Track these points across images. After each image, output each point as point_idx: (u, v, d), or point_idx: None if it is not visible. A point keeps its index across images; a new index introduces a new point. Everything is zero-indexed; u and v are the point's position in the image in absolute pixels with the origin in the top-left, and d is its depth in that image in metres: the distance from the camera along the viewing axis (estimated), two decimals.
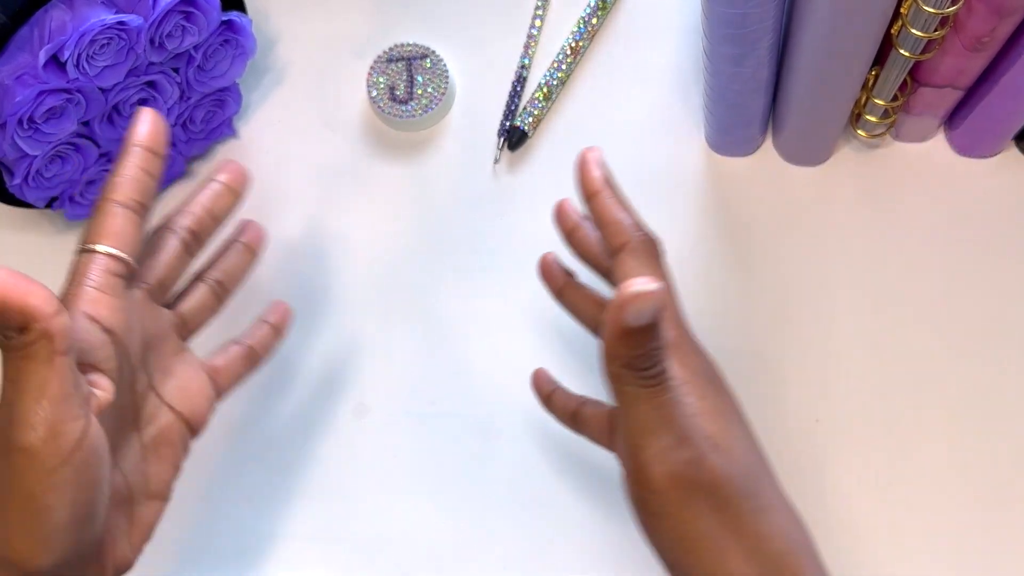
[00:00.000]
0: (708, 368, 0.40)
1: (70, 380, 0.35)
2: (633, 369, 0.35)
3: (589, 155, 0.45)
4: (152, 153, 0.42)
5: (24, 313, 0.34)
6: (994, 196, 0.59)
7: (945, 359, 0.56)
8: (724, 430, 0.38)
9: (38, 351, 0.34)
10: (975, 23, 0.48)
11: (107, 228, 0.40)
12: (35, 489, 0.35)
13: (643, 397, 0.36)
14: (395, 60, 0.62)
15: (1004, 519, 0.53)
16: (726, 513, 0.36)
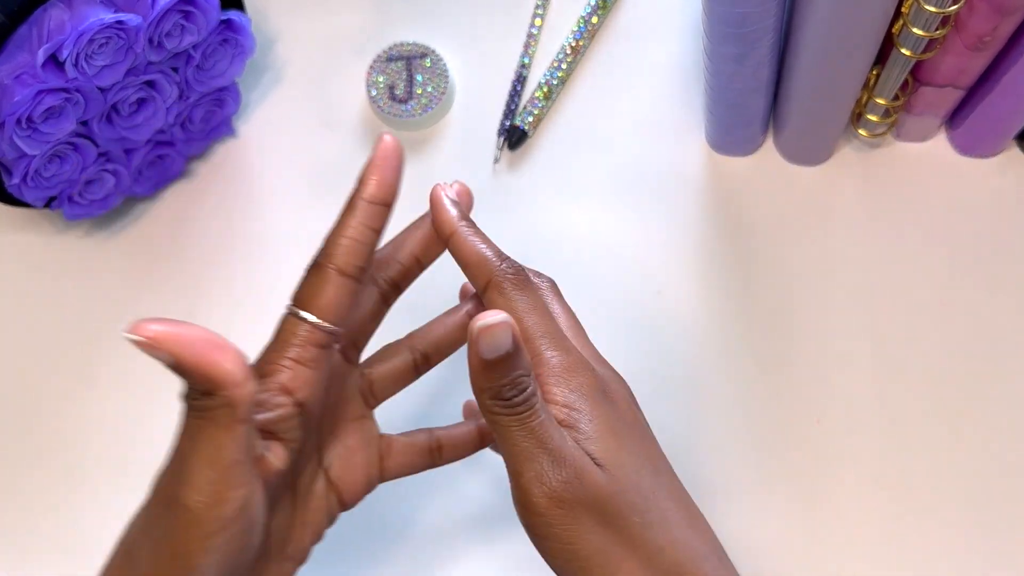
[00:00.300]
0: (601, 388, 0.39)
1: (244, 448, 0.35)
2: (500, 399, 0.36)
3: (439, 193, 0.43)
4: (383, 207, 0.41)
5: (212, 379, 0.34)
6: (995, 196, 0.58)
7: (946, 359, 0.56)
8: (610, 449, 0.37)
9: (219, 416, 0.34)
10: (976, 22, 0.47)
11: (321, 297, 0.39)
12: (189, 549, 0.35)
13: (514, 425, 0.36)
14: (395, 59, 0.62)
15: (1004, 519, 0.53)
16: (614, 528, 0.36)
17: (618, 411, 0.39)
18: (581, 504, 0.36)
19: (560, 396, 0.38)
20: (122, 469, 0.58)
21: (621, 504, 0.36)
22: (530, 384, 0.36)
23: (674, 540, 0.37)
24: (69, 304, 0.61)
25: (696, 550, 0.38)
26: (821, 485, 0.54)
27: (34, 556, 0.56)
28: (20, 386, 0.59)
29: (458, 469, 0.56)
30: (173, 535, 0.35)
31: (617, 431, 0.38)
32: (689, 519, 0.39)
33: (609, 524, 0.36)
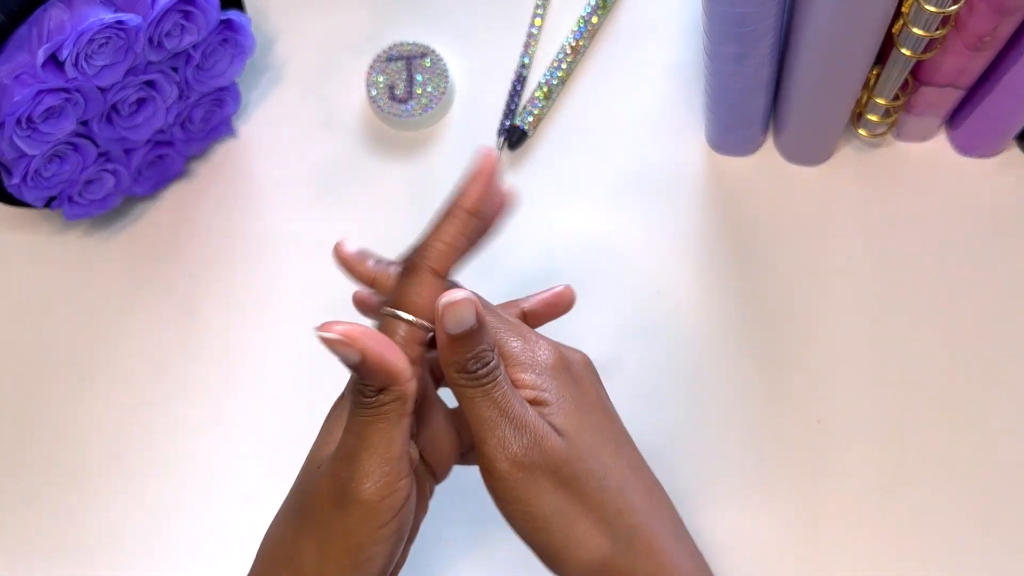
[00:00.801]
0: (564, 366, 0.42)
1: (407, 440, 0.38)
2: (466, 372, 0.39)
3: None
4: (478, 218, 0.43)
5: (391, 374, 0.37)
6: (995, 196, 0.58)
7: (946, 358, 0.56)
8: (571, 421, 0.40)
9: (391, 411, 0.38)
10: (977, 22, 0.47)
11: (421, 297, 0.40)
12: (365, 540, 0.38)
13: (478, 396, 0.39)
14: (395, 59, 0.62)
15: (1004, 519, 0.53)
16: (571, 489, 0.39)
17: (581, 389, 0.41)
18: (540, 468, 0.38)
19: (528, 380, 0.40)
20: (122, 469, 0.58)
21: (579, 469, 0.39)
22: (493, 358, 0.39)
23: (632, 506, 0.40)
24: (69, 304, 0.61)
25: (653, 516, 0.40)
26: (821, 485, 0.54)
27: (34, 556, 0.56)
28: (20, 386, 0.59)
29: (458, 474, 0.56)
30: (349, 528, 0.38)
31: (580, 406, 0.40)
32: (647, 491, 0.41)
33: (567, 486, 0.39)
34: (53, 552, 0.56)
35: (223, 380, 0.59)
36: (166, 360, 0.59)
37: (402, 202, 0.61)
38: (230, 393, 0.58)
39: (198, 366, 0.59)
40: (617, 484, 0.40)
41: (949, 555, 0.53)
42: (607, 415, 0.42)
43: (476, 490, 0.40)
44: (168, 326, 0.60)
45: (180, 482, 0.57)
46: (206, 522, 0.56)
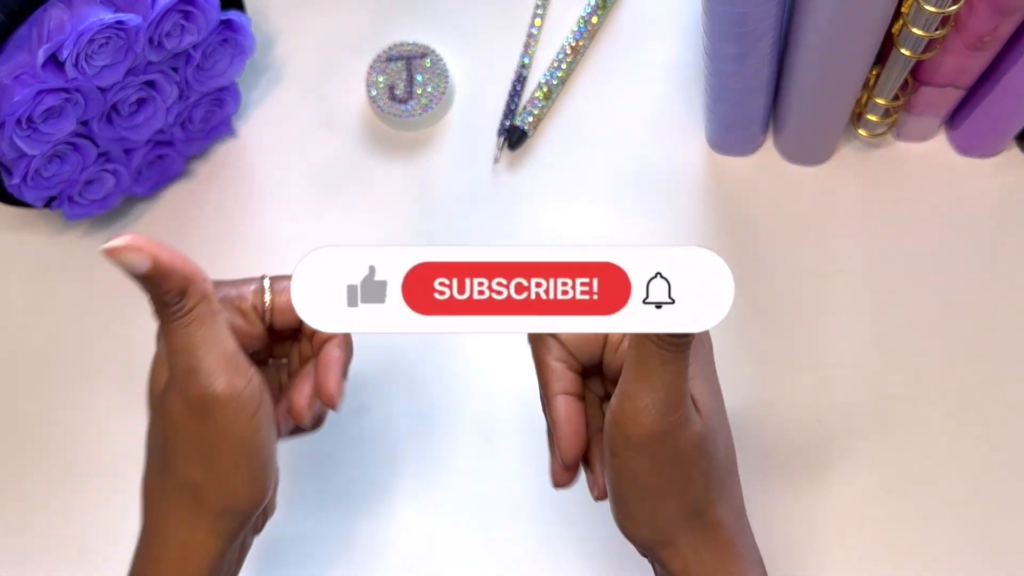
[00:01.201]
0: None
1: (232, 336, 0.39)
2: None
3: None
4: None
5: (186, 275, 0.37)
6: (995, 196, 0.58)
7: (945, 358, 0.56)
8: (714, 414, 0.40)
9: (202, 312, 0.38)
10: (976, 22, 0.47)
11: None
12: (244, 433, 0.38)
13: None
14: (395, 59, 0.62)
15: (1004, 519, 0.53)
16: (677, 464, 0.38)
17: (705, 353, 0.41)
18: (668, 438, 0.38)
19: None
20: (121, 469, 0.57)
21: (701, 446, 0.39)
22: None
23: (720, 480, 0.40)
24: (69, 304, 0.61)
25: (732, 486, 0.41)
26: (820, 485, 0.54)
27: (34, 556, 0.56)
28: (20, 386, 0.59)
29: (459, 474, 0.56)
30: (223, 429, 0.38)
31: (708, 373, 0.40)
32: (732, 456, 0.41)
33: (676, 462, 0.39)
34: (53, 552, 0.56)
35: None
36: None
37: (402, 202, 0.61)
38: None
39: None
40: (725, 454, 0.40)
41: (949, 555, 0.53)
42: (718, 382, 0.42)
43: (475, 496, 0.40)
44: None
45: None
46: None
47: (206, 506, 0.39)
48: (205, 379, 0.37)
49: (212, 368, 0.37)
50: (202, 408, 0.38)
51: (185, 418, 0.38)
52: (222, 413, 0.38)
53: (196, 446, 0.38)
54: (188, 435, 0.38)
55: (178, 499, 0.40)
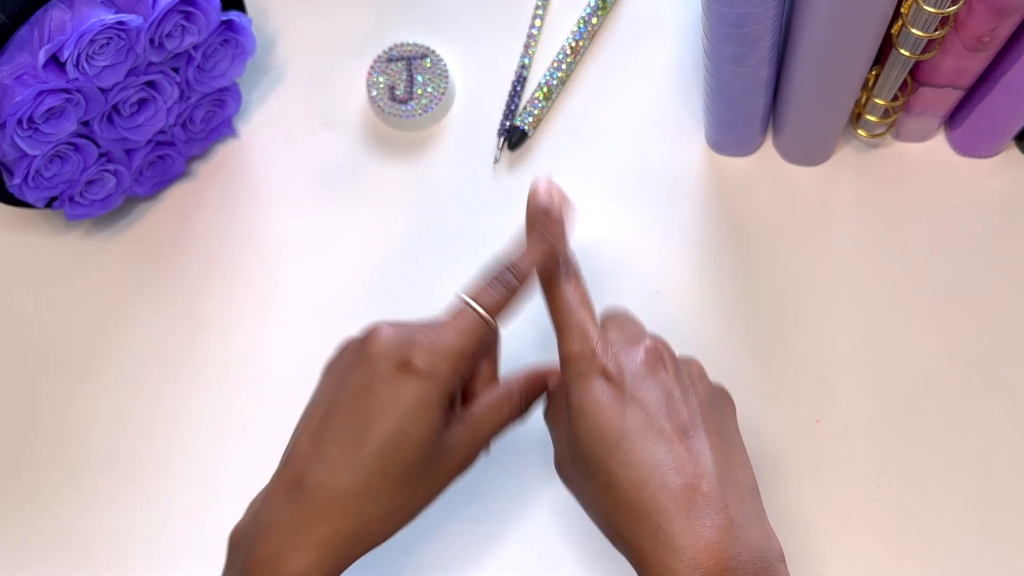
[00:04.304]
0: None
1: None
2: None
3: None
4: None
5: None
6: (994, 196, 0.59)
7: (945, 358, 0.56)
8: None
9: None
10: (975, 23, 0.48)
11: (496, 301, 0.45)
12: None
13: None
14: (395, 60, 0.62)
15: (1003, 519, 0.53)
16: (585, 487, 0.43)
17: (605, 389, 0.42)
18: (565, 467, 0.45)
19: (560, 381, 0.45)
20: (122, 469, 0.58)
21: (581, 473, 0.43)
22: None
23: (615, 501, 0.41)
24: (70, 304, 0.61)
25: (635, 508, 0.40)
26: (821, 485, 0.54)
27: (34, 556, 0.57)
28: (20, 386, 0.60)
29: None
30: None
31: (587, 408, 0.43)
32: (640, 480, 0.41)
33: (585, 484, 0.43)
34: (53, 552, 0.56)
35: (223, 380, 0.59)
36: (166, 360, 0.59)
37: (402, 202, 0.62)
38: (230, 393, 0.58)
39: (197, 366, 0.59)
40: (605, 480, 0.41)
41: (949, 555, 0.53)
42: (627, 414, 0.42)
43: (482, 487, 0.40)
44: (168, 326, 0.60)
45: (180, 482, 0.57)
46: (206, 522, 0.56)
47: None
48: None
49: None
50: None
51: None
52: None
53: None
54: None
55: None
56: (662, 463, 0.40)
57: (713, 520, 0.39)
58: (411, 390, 0.41)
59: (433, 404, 0.42)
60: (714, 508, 0.39)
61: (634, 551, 0.40)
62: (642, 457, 0.40)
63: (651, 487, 0.40)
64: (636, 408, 0.41)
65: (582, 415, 0.42)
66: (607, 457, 0.41)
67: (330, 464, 0.42)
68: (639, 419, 0.41)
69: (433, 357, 0.42)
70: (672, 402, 0.42)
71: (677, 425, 0.42)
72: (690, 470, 0.40)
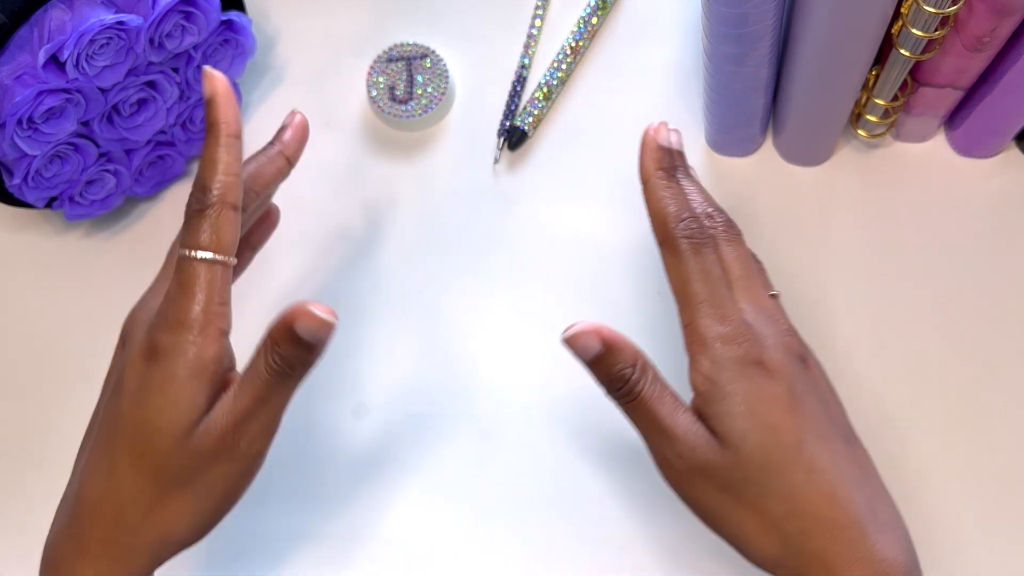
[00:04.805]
0: (755, 359, 0.40)
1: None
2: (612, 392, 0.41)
3: (650, 137, 0.44)
4: (239, 139, 0.42)
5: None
6: (994, 196, 0.59)
7: (945, 359, 0.56)
8: (736, 426, 0.39)
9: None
10: (976, 23, 0.48)
11: (226, 236, 0.40)
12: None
13: (630, 411, 0.41)
14: (395, 60, 0.62)
15: (1004, 519, 0.53)
16: (732, 492, 0.39)
17: (770, 384, 0.39)
18: (694, 472, 0.39)
19: (704, 367, 0.40)
20: None
21: (735, 477, 0.39)
22: (633, 373, 0.40)
23: (803, 511, 0.38)
24: (69, 304, 0.61)
25: (825, 520, 0.38)
26: None
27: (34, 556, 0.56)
28: (21, 386, 0.60)
29: (459, 474, 0.56)
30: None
31: (757, 407, 0.39)
32: (830, 490, 0.39)
33: (727, 489, 0.39)
34: None
35: None
36: None
37: (402, 202, 0.62)
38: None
39: None
40: (785, 490, 0.38)
41: (949, 554, 0.53)
42: (802, 410, 0.39)
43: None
44: None
45: None
46: None
47: None
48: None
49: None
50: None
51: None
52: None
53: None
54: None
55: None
56: (843, 473, 0.39)
57: (889, 533, 0.39)
58: (155, 376, 0.38)
59: (183, 385, 0.38)
60: (887, 520, 0.39)
61: (821, 565, 0.38)
62: (825, 465, 0.38)
63: (841, 498, 0.38)
64: (805, 409, 0.39)
65: (751, 413, 0.38)
66: (787, 465, 0.38)
67: (88, 473, 0.40)
68: (813, 423, 0.39)
69: (170, 331, 0.38)
70: (828, 405, 0.41)
71: (841, 431, 0.40)
72: (863, 481, 0.40)
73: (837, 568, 0.38)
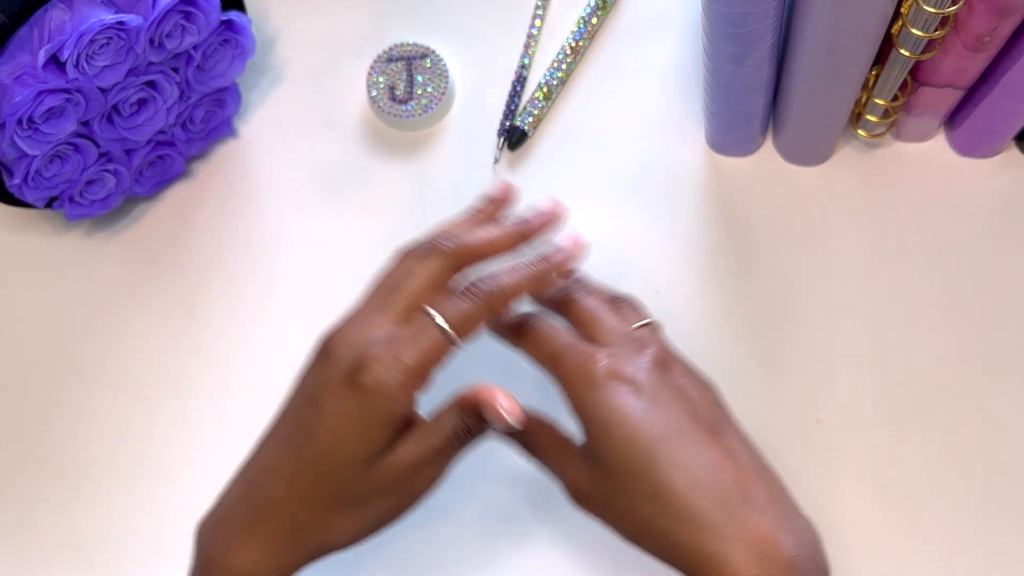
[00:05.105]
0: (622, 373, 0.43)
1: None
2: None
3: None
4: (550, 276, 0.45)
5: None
6: (994, 196, 0.59)
7: (945, 359, 0.56)
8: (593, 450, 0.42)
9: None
10: (976, 23, 0.47)
11: (473, 330, 0.42)
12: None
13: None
14: (395, 60, 0.62)
15: (1003, 519, 0.53)
16: (611, 507, 0.42)
17: (627, 398, 0.41)
18: (584, 498, 0.43)
19: (573, 398, 0.43)
20: (122, 469, 0.58)
21: (608, 491, 0.42)
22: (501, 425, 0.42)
23: (662, 507, 0.40)
24: (70, 304, 0.61)
25: (688, 508, 0.40)
26: (820, 485, 0.54)
27: (34, 556, 0.57)
28: (20, 386, 0.60)
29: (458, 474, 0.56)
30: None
31: (613, 420, 0.41)
32: (690, 481, 0.40)
33: (609, 505, 0.42)
34: (53, 552, 0.56)
35: (223, 380, 0.59)
36: (166, 360, 0.59)
37: (402, 202, 0.62)
38: (230, 393, 0.58)
39: (198, 366, 0.59)
40: (650, 490, 0.40)
41: (948, 555, 0.53)
42: (658, 416, 0.41)
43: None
44: (168, 326, 0.60)
45: (180, 482, 0.57)
46: None
47: None
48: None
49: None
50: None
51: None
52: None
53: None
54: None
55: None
56: (707, 462, 0.40)
57: (766, 512, 0.39)
58: (353, 408, 0.40)
59: (374, 424, 0.40)
60: (764, 499, 0.40)
61: (694, 555, 0.39)
62: (685, 458, 0.40)
63: (703, 488, 0.39)
64: (663, 411, 0.41)
65: (609, 428, 0.40)
66: (649, 466, 0.39)
67: (272, 470, 0.42)
68: (671, 422, 0.40)
69: (383, 374, 0.40)
70: (692, 402, 0.42)
71: (706, 424, 0.41)
72: (731, 466, 0.40)
73: (710, 551, 0.39)
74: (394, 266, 0.45)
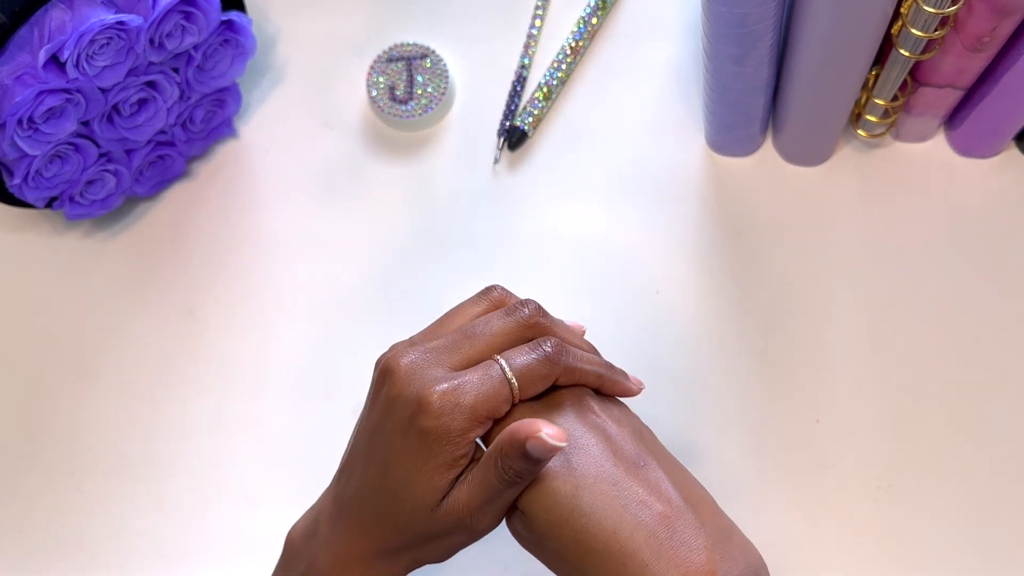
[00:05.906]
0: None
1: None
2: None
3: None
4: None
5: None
6: (994, 196, 0.59)
7: (945, 359, 0.56)
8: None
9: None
10: (975, 23, 0.48)
11: (540, 390, 0.42)
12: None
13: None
14: (395, 60, 0.62)
15: (1003, 519, 0.53)
16: (543, 554, 0.42)
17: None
18: (527, 544, 0.42)
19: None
20: (122, 469, 0.58)
21: (536, 539, 0.41)
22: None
23: (585, 552, 0.40)
24: (70, 304, 0.61)
25: (609, 551, 0.39)
26: (820, 485, 0.54)
27: (34, 556, 0.57)
28: (21, 386, 0.60)
29: None
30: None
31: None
32: (611, 525, 0.40)
33: (541, 554, 0.42)
34: (53, 552, 0.56)
35: (223, 380, 0.59)
36: (166, 360, 0.59)
37: (402, 202, 0.62)
38: (230, 393, 0.58)
39: (198, 366, 0.59)
40: (573, 537, 0.40)
41: (948, 555, 0.53)
42: (576, 463, 0.41)
43: None
44: (168, 326, 0.60)
45: (180, 482, 0.57)
46: (206, 522, 0.56)
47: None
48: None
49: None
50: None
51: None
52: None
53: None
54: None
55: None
56: (628, 502, 0.39)
57: (695, 542, 0.39)
58: (421, 450, 0.41)
59: (439, 467, 0.41)
60: (692, 530, 0.39)
61: None
62: (605, 502, 0.39)
63: (626, 529, 0.39)
64: (580, 457, 0.41)
65: (533, 483, 0.41)
66: (570, 514, 0.39)
67: (361, 500, 0.43)
68: (588, 467, 0.40)
69: (445, 413, 0.40)
70: (611, 440, 0.42)
71: (626, 461, 0.41)
72: (655, 500, 0.40)
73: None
74: (477, 308, 0.45)
